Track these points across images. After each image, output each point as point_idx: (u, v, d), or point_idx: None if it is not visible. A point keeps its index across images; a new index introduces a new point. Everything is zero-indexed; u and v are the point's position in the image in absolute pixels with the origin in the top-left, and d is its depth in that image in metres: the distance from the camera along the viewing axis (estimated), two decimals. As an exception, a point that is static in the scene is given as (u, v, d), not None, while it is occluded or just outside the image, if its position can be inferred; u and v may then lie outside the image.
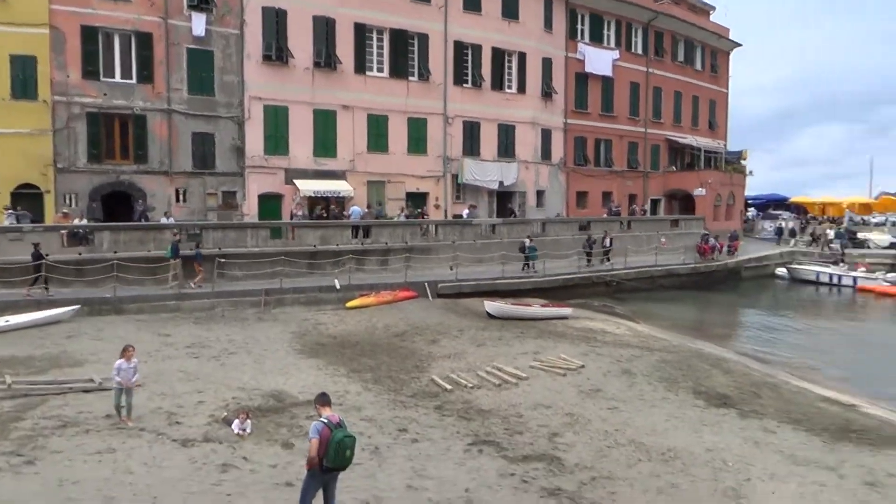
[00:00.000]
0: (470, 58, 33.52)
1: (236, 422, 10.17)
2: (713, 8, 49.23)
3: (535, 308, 21.96)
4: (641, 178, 42.08)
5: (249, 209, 27.87)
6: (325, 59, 29.17)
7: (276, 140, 28.45)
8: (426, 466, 9.11)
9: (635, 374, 14.59)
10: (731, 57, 49.18)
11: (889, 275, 33.17)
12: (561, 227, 32.37)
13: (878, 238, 39.61)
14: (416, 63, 31.83)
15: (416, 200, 32.09)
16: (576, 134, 38.53)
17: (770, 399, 13.21)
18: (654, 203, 43.07)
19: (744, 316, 26.76)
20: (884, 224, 44.26)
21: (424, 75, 32.02)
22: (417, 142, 32.14)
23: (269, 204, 28.35)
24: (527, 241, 27.78)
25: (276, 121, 28.41)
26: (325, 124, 29.54)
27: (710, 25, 46.83)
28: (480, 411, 11.79)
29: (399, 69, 31.40)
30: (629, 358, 16.02)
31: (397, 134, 31.45)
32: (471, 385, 13.28)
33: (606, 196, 39.86)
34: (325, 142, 29.59)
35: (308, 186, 28.43)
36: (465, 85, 33.42)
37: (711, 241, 34.37)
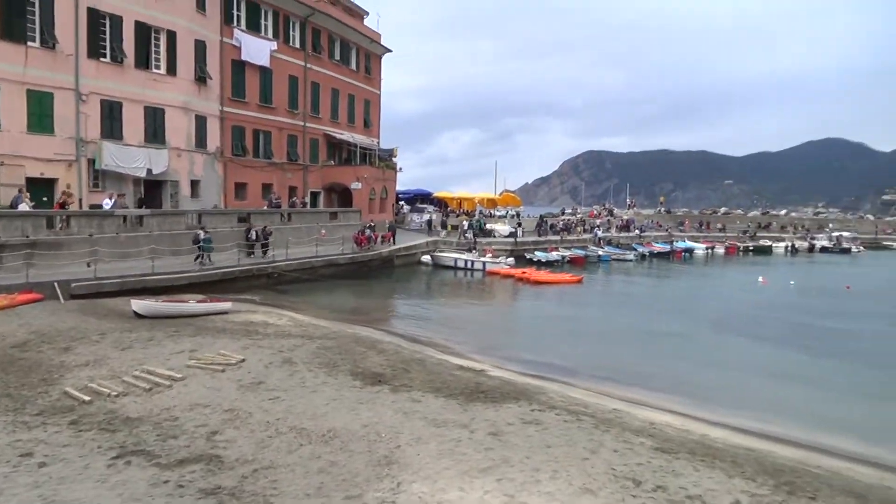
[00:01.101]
0: (108, 29, 29.93)
1: None
2: (367, 13, 52.37)
3: (191, 304, 20.71)
4: (302, 171, 42.75)
5: None
6: None
7: None
8: (58, 491, 7.92)
9: (297, 362, 14.79)
10: (382, 61, 52.92)
11: (509, 259, 39.62)
12: (219, 219, 31.08)
13: (502, 228, 47.12)
14: (37, 26, 27.21)
15: (40, 188, 27.54)
16: (234, 123, 37.34)
17: (417, 373, 14.65)
18: (315, 196, 44.19)
19: (397, 300, 29.09)
20: (505, 216, 52.83)
21: (49, 42, 27.59)
22: (41, 119, 27.59)
23: None
24: (201, 234, 26.21)
25: None
26: None
27: (364, 29, 49.73)
28: (128, 420, 10.69)
29: (14, 30, 26.49)
30: (291, 347, 16.17)
31: (12, 108, 26.54)
32: (115, 393, 11.95)
33: (267, 188, 39.54)
34: None
35: None
36: (102, 59, 29.75)
37: (367, 231, 36.65)
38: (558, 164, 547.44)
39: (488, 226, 47.57)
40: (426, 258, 39.82)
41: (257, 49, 38.19)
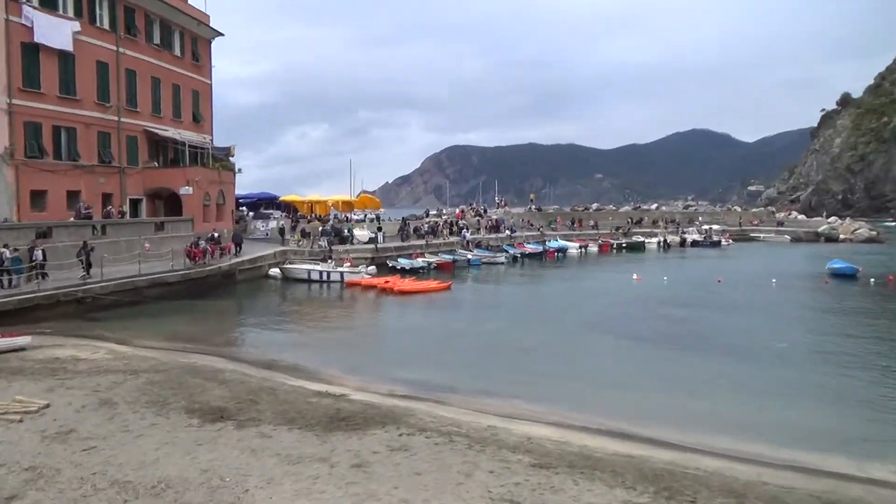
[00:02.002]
0: None
1: None
2: (190, -11, 50.14)
3: (-23, 342, 18.71)
4: (118, 174, 40.12)
5: None
6: None
7: None
8: None
9: (118, 403, 13.79)
10: (212, 46, 50.95)
11: (370, 268, 39.55)
12: (9, 236, 28.29)
13: (360, 234, 46.96)
14: None
15: None
16: (27, 119, 34.30)
17: (267, 403, 14.15)
18: (135, 203, 41.62)
19: (242, 321, 28.06)
20: (364, 221, 52.75)
21: None
22: None
23: None
24: (6, 252, 23.89)
25: None
26: None
27: (189, 9, 47.58)
28: None
29: None
30: (109, 386, 15.07)
31: None
32: None
33: (73, 196, 36.67)
34: None
35: None
36: None
37: (202, 244, 35.05)
38: (420, 160, 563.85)
39: (345, 231, 47.28)
40: (275, 271, 38.92)
41: (55, 29, 35.36)
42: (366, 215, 56.87)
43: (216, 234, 37.11)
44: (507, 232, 61.42)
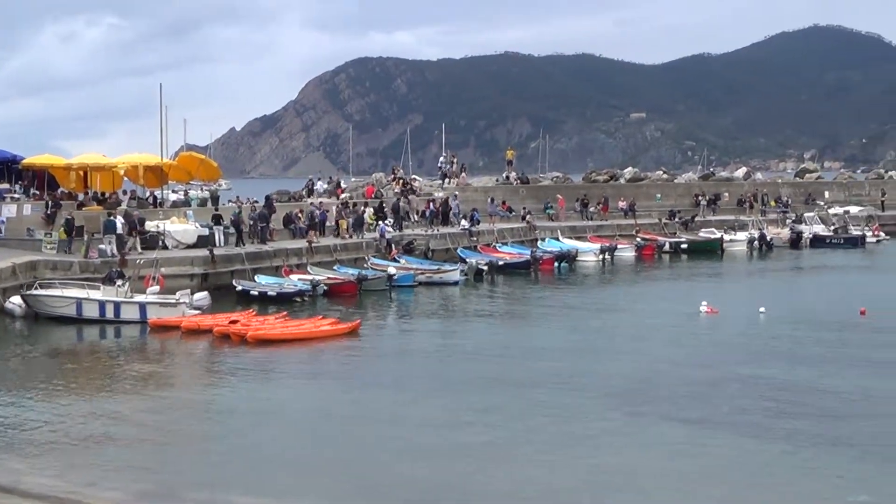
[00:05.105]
0: None
1: None
2: None
3: None
4: None
5: None
6: None
7: None
8: None
9: None
10: None
11: (198, 295, 26.24)
12: None
13: (180, 228, 30.66)
14: None
15: None
16: None
17: None
18: None
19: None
20: (187, 204, 36.88)
21: None
22: None
23: None
24: None
25: None
26: None
27: None
28: None
29: None
30: None
31: None
32: None
33: None
34: None
35: None
36: None
37: None
38: (300, 87, 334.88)
39: (154, 225, 30.92)
40: (13, 302, 25.16)
41: None
42: (193, 193, 41.24)
43: None
44: (464, 224, 41.16)
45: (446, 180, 50.07)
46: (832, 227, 47.28)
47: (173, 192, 41.45)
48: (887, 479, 12.57)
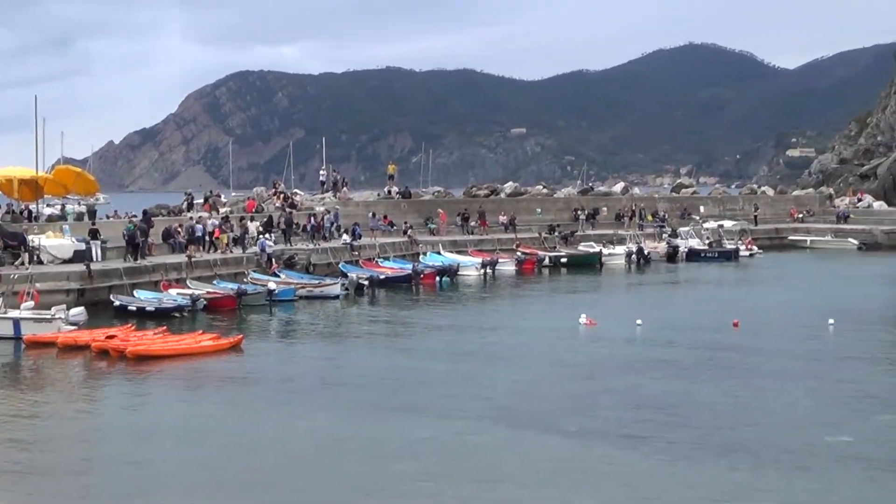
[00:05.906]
0: None
1: None
2: None
3: None
4: None
5: None
6: None
7: None
8: None
9: None
10: None
11: (74, 311, 25.44)
12: None
13: (55, 243, 29.87)
14: None
15: None
16: None
17: None
18: None
19: None
20: (63, 218, 35.96)
21: None
22: None
23: None
24: None
25: None
26: None
27: None
28: None
29: None
30: None
31: None
32: None
33: None
34: None
35: None
36: None
37: None
38: (180, 99, 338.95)
39: (27, 240, 29.73)
40: None
41: None
42: (66, 206, 39.57)
43: None
44: (345, 238, 40.64)
45: (326, 194, 49.06)
46: (707, 242, 46.97)
47: (48, 206, 40.63)
48: (759, 485, 12.83)
